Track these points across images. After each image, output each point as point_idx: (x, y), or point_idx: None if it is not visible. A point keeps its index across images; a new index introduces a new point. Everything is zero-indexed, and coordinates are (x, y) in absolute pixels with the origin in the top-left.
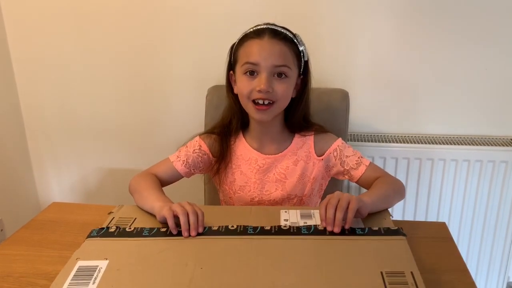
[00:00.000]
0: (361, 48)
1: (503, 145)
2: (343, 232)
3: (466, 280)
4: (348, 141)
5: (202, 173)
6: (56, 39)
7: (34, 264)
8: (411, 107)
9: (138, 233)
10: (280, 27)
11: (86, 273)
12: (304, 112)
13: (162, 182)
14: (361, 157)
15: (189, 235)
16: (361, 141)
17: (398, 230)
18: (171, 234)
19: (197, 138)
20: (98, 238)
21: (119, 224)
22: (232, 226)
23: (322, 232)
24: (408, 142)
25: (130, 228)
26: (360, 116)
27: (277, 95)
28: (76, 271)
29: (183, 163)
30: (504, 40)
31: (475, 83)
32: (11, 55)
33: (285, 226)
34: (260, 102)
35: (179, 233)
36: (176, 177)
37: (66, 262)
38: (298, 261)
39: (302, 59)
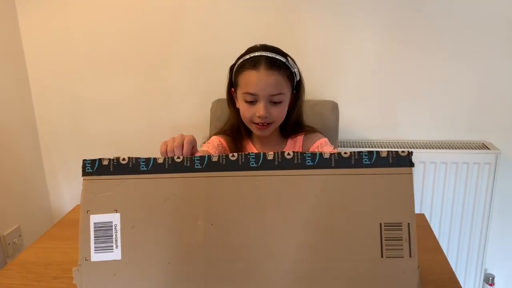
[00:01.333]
0: (349, 64)
1: (476, 149)
2: (349, 161)
3: (440, 258)
4: (338, 147)
5: None
6: (69, 58)
7: (70, 255)
8: (393, 116)
9: (135, 166)
10: (274, 52)
11: (104, 232)
12: (297, 119)
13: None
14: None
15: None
16: (350, 147)
17: (407, 157)
18: (169, 169)
19: (216, 136)
20: (96, 177)
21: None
22: (233, 156)
23: (328, 162)
24: (391, 147)
25: (124, 160)
26: (349, 124)
27: (273, 118)
28: (94, 231)
29: (216, 149)
30: (475, 55)
31: (450, 95)
32: (28, 73)
33: (288, 155)
34: (260, 123)
35: (176, 166)
36: None
37: None
38: (301, 209)
39: (295, 79)
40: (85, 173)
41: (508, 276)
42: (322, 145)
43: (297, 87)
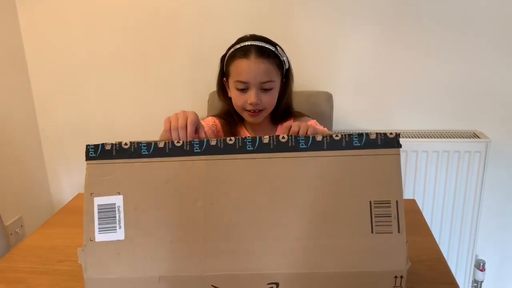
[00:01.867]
0: (344, 56)
1: (467, 138)
2: (340, 143)
3: (430, 240)
4: None
5: None
6: (69, 51)
7: (73, 240)
8: (386, 107)
9: (136, 150)
10: (263, 41)
11: (108, 214)
12: (287, 106)
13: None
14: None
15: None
16: None
17: (394, 139)
18: (170, 153)
19: (211, 117)
20: (99, 161)
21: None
22: (230, 140)
23: (320, 144)
24: None
25: (126, 145)
26: (343, 115)
27: (264, 104)
28: (98, 212)
29: (209, 129)
30: (466, 46)
31: (442, 85)
32: (27, 66)
33: (283, 138)
34: (252, 110)
35: (176, 150)
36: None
37: None
38: (296, 190)
39: (284, 67)
40: (88, 157)
41: (498, 261)
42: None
43: (286, 75)
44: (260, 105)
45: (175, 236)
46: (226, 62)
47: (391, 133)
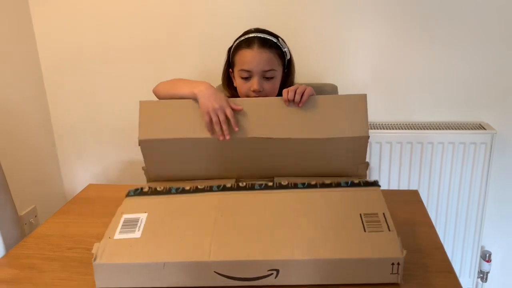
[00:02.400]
0: (350, 49)
1: (473, 129)
2: (330, 185)
3: (429, 230)
4: None
5: None
6: (80, 44)
7: (83, 228)
8: (392, 99)
9: (168, 191)
10: (266, 33)
11: (131, 223)
12: None
13: None
14: None
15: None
16: None
17: (374, 182)
18: (195, 191)
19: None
20: (136, 197)
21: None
22: (242, 183)
23: (314, 186)
24: (390, 129)
25: (160, 188)
26: None
27: (266, 92)
28: (123, 222)
29: None
30: (472, 38)
31: (448, 77)
32: (40, 60)
33: (284, 183)
34: (254, 97)
35: (198, 190)
36: None
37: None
38: (296, 209)
39: (285, 58)
40: (128, 195)
41: (504, 252)
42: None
43: (288, 65)
44: (262, 92)
45: (186, 234)
46: (232, 53)
47: (370, 180)
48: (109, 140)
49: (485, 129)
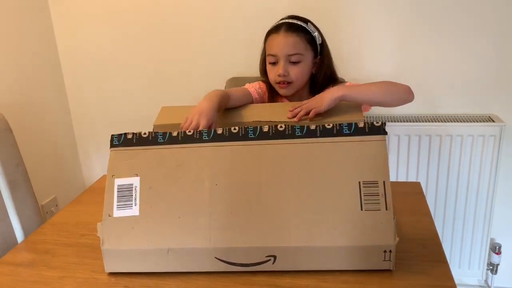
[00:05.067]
0: (372, 44)
1: (482, 121)
2: (331, 131)
3: (427, 220)
4: None
5: None
6: (99, 47)
7: (96, 216)
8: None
9: (153, 138)
10: (297, 19)
11: (126, 193)
12: (326, 78)
13: (232, 100)
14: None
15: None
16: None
17: (381, 127)
18: (182, 141)
19: (258, 82)
20: (121, 148)
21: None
22: (235, 129)
23: (314, 132)
24: (397, 121)
25: (145, 134)
26: None
27: (292, 77)
28: (117, 191)
29: (255, 90)
30: (481, 31)
31: (457, 69)
32: (59, 53)
33: (281, 127)
34: (281, 82)
35: (187, 138)
36: (247, 98)
37: None
38: (292, 171)
39: (316, 42)
40: (112, 145)
41: None
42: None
43: (321, 52)
44: (288, 77)
45: (183, 212)
46: (265, 40)
47: (377, 122)
48: (125, 130)
49: (494, 121)
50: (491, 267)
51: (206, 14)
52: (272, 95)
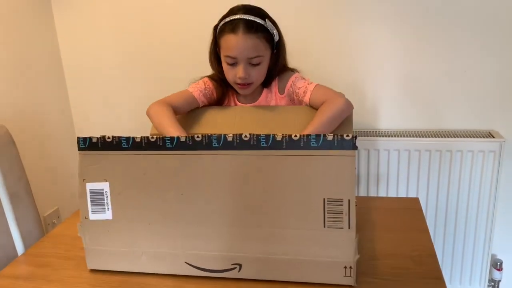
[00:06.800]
0: (370, 55)
1: (482, 137)
2: (299, 143)
3: (424, 237)
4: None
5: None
6: (102, 55)
7: None
8: (400, 106)
9: (117, 144)
10: (253, 14)
11: (98, 197)
12: (277, 74)
13: (177, 111)
14: (309, 83)
15: None
16: (374, 136)
17: (351, 141)
18: (145, 147)
19: (206, 78)
20: (88, 152)
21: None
22: (198, 137)
23: (280, 144)
24: (396, 136)
25: (109, 138)
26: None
27: (253, 78)
28: (90, 195)
29: (200, 92)
30: (484, 47)
31: (457, 85)
32: (63, 67)
33: (245, 137)
34: (241, 83)
35: (151, 145)
36: (192, 105)
37: None
38: (256, 183)
39: (274, 39)
40: (79, 148)
41: None
42: (295, 82)
43: (277, 46)
44: (248, 79)
45: (153, 219)
46: (218, 34)
47: (347, 135)
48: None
49: (494, 137)
50: (492, 284)
51: (207, 18)
52: (222, 90)
